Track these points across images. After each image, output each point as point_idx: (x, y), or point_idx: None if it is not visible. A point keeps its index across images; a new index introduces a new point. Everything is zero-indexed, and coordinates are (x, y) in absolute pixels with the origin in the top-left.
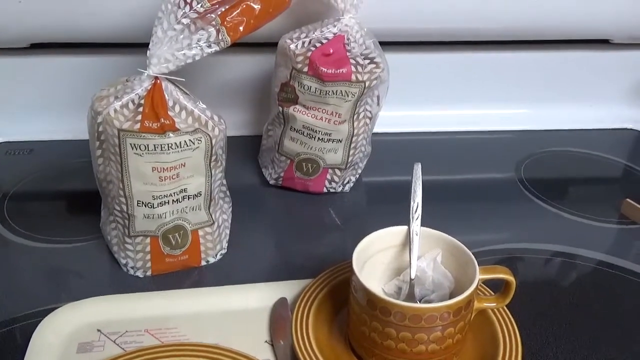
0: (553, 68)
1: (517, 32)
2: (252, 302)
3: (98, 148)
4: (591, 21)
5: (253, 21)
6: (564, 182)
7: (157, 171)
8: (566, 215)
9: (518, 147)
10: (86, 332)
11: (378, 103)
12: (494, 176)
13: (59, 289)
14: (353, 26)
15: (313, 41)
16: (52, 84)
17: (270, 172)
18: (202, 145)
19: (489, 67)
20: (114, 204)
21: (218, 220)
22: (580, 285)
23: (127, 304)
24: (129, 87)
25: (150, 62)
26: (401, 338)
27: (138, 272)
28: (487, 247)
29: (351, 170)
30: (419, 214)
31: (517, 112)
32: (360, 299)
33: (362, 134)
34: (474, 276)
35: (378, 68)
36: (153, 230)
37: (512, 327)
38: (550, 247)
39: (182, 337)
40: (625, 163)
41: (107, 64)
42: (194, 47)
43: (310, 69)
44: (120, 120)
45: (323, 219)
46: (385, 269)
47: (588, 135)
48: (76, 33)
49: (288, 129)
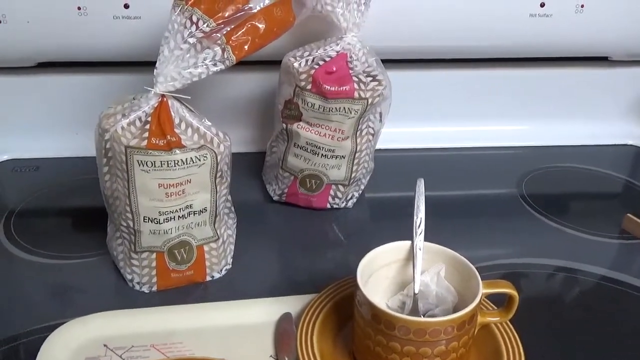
0: (553, 85)
1: (518, 50)
2: (256, 317)
3: (105, 165)
4: (590, 39)
5: (258, 40)
6: (565, 198)
7: (164, 187)
8: (568, 231)
9: (519, 163)
10: (93, 347)
11: (380, 120)
12: (496, 192)
13: (65, 305)
14: (355, 44)
15: (316, 59)
16: (58, 102)
17: (274, 188)
18: (207, 162)
19: (490, 84)
20: (120, 219)
21: (223, 236)
22: (582, 299)
23: (133, 319)
24: (136, 104)
25: (157, 81)
26: (405, 352)
27: (144, 288)
28: (490, 262)
29: (354, 186)
30: (422, 229)
31: (519, 128)
32: (364, 313)
33: (365, 150)
34: (477, 290)
35: (380, 85)
36: (159, 246)
37: (515, 342)
38: (552, 262)
39: (188, 352)
40: (626, 178)
41: (114, 82)
42: (200, 66)
43: (314, 87)
44: (128, 138)
45: (327, 235)
46: (389, 283)
47: (589, 151)
48: (83, 52)
49: (292, 145)
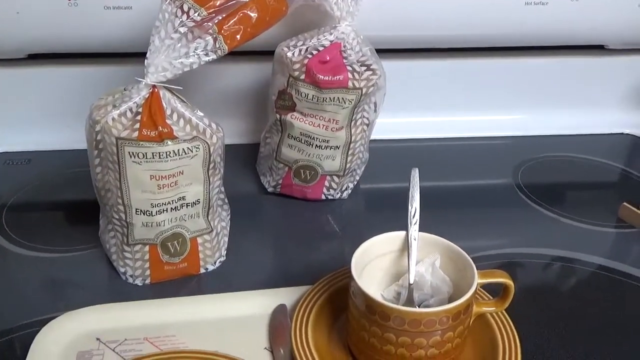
0: (549, 74)
1: (513, 39)
2: (251, 309)
3: (96, 157)
4: (586, 27)
5: (250, 29)
6: (561, 187)
7: (156, 179)
8: (564, 220)
9: (515, 152)
10: (85, 341)
11: (375, 110)
12: (491, 182)
13: (57, 298)
14: (349, 34)
15: (310, 49)
16: (49, 94)
17: (268, 180)
18: (200, 153)
19: (485, 73)
20: (112, 212)
21: (217, 228)
22: (578, 289)
23: (126, 313)
24: (127, 95)
25: (148, 71)
26: (400, 343)
27: (137, 281)
28: (485, 252)
29: (349, 177)
30: (417, 219)
31: (514, 117)
32: (359, 305)
33: (359, 140)
34: (473, 280)
35: (375, 75)
36: (152, 239)
37: (511, 332)
38: (548, 251)
39: (181, 345)
40: (622, 168)
41: (104, 73)
42: (192, 56)
43: (307, 77)
44: (119, 129)
45: (321, 226)
46: (384, 274)
47: (585, 141)
48: (73, 44)
49: (286, 136)
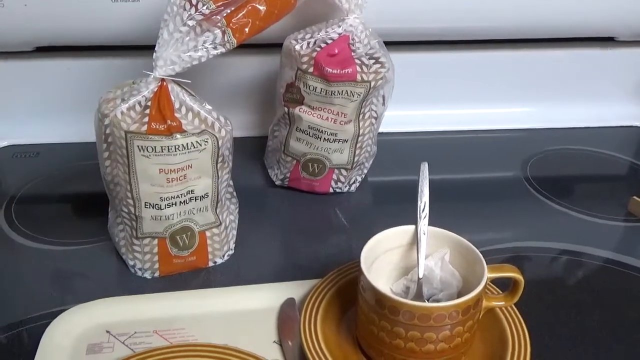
0: (559, 66)
1: (523, 31)
2: (259, 303)
3: (105, 150)
4: (596, 19)
5: (259, 22)
6: (570, 180)
7: (164, 173)
8: (573, 214)
9: (524, 145)
10: (95, 333)
11: (383, 103)
12: (500, 175)
13: (67, 291)
14: (358, 26)
15: (318, 42)
16: (58, 87)
17: (276, 173)
18: (208, 147)
19: (494, 65)
20: (121, 205)
21: (225, 221)
22: (587, 283)
23: (135, 305)
24: (136, 89)
25: (157, 64)
26: (410, 337)
27: (146, 274)
28: (495, 246)
29: (357, 170)
30: (426, 213)
31: (523, 110)
32: (368, 299)
33: (367, 133)
34: (482, 275)
35: (383, 68)
36: (161, 232)
37: (520, 326)
38: (557, 245)
39: (191, 338)
40: (631, 160)
41: (113, 67)
42: (200, 49)
43: (316, 70)
44: (127, 123)
45: (329, 220)
46: (393, 268)
47: (594, 133)
48: (82, 36)
49: (294, 129)
